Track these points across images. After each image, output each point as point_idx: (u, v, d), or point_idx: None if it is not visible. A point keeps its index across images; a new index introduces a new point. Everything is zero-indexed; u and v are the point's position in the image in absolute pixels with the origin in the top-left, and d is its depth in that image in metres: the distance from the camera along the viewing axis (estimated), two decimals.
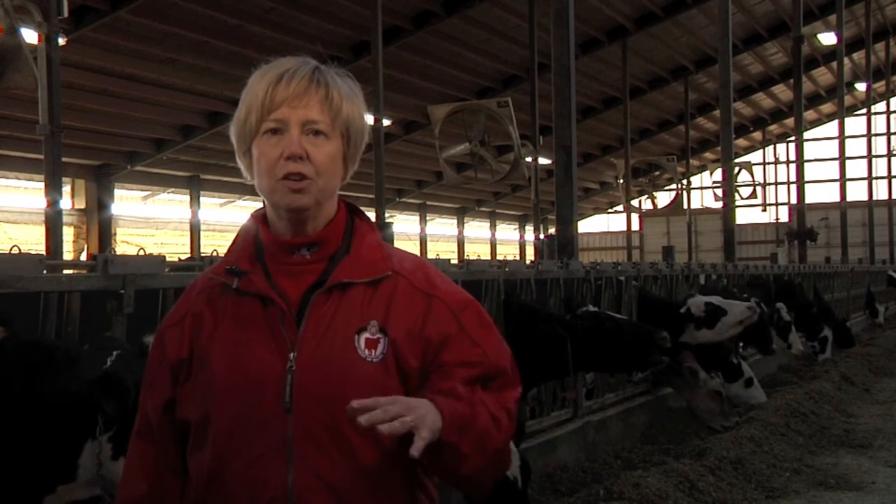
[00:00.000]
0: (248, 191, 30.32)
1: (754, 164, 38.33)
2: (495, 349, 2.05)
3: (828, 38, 28.63)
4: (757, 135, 46.23)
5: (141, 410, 2.11)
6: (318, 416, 1.91)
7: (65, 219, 15.43)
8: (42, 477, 3.06)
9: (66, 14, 9.05)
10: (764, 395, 9.43)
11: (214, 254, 4.61)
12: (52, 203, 9.38)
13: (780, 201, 47.97)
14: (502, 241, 46.66)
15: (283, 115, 1.96)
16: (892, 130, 44.69)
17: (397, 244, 2.28)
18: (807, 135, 37.82)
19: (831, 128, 41.72)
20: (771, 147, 48.41)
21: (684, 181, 35.82)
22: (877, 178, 37.28)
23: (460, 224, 42.90)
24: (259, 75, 2.01)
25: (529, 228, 42.86)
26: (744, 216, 41.48)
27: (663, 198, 36.56)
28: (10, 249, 4.06)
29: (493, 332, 2.08)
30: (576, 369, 6.43)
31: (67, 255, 20.05)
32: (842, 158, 29.04)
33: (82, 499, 3.24)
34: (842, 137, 28.94)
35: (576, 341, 6.20)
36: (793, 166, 38.12)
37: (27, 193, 23.69)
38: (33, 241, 21.02)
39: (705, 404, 8.75)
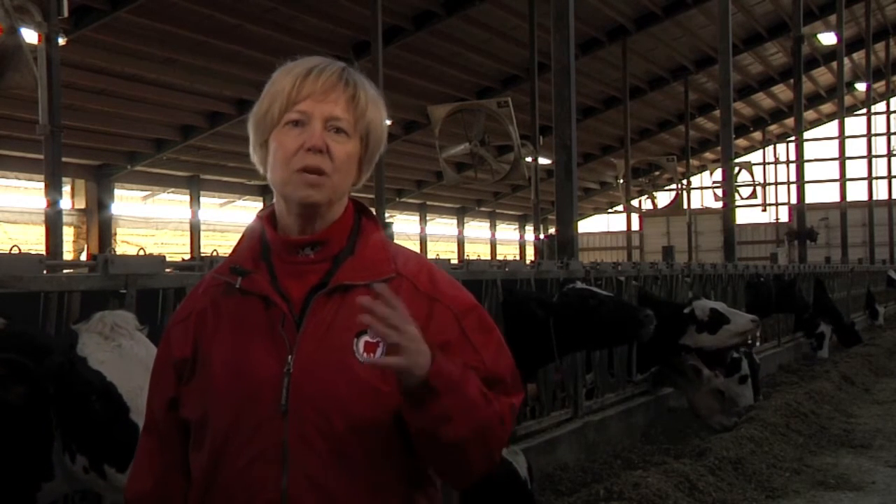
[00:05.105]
0: (248, 191, 30.35)
1: (754, 164, 38.30)
2: (495, 357, 2.01)
3: (828, 38, 28.59)
4: (757, 135, 46.23)
5: (149, 407, 2.11)
6: (313, 419, 1.89)
7: (65, 219, 15.45)
8: (29, 476, 3.01)
9: (66, 14, 9.07)
10: (752, 397, 9.49)
11: (214, 254, 4.61)
12: (52, 203, 9.40)
13: (780, 201, 47.96)
14: (502, 241, 46.65)
15: (307, 108, 1.94)
16: (892, 130, 44.69)
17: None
18: (807, 135, 37.82)
19: (831, 128, 41.70)
20: (771, 147, 48.41)
21: (684, 181, 35.82)
22: (877, 178, 37.29)
23: (460, 224, 42.89)
24: (285, 71, 2.00)
25: (529, 228, 42.84)
26: (744, 216, 41.42)
27: (663, 198, 36.53)
28: (10, 249, 4.06)
29: (495, 337, 2.04)
30: (560, 350, 6.42)
31: (67, 255, 20.06)
32: (842, 158, 29.03)
33: (68, 492, 3.23)
34: (842, 137, 28.94)
35: (557, 320, 6.23)
36: (793, 166, 38.08)
37: (27, 193, 23.68)
38: (33, 241, 21.01)
39: (706, 402, 8.79)
